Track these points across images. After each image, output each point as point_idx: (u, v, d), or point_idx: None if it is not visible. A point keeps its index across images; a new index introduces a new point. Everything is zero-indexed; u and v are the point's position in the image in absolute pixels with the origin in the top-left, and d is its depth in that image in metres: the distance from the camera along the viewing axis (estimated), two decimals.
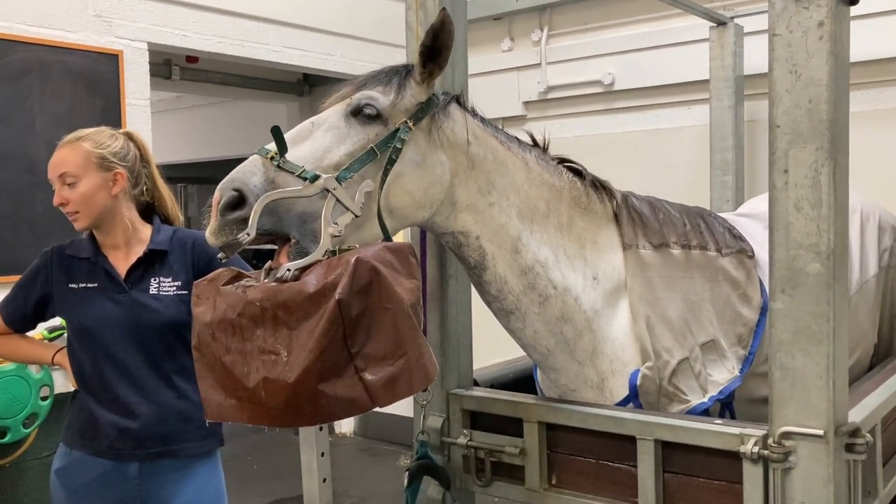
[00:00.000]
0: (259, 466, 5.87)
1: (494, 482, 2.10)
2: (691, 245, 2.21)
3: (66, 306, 2.31)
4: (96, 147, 2.24)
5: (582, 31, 5.33)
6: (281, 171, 1.66)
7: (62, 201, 2.22)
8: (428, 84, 1.86)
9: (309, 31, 5.17)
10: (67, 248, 2.35)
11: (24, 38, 3.78)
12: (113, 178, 2.25)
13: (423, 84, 1.85)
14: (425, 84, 1.86)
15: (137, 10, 4.24)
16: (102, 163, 2.24)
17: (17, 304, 2.39)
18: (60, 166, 2.22)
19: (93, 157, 2.22)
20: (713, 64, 4.28)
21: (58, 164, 2.23)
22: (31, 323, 2.43)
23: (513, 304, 2.02)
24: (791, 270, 1.63)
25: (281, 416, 1.55)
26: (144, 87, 4.28)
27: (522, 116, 5.60)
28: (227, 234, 1.63)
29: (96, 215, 2.25)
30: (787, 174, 1.63)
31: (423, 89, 1.86)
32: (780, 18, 1.63)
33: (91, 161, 2.22)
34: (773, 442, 1.64)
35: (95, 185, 2.22)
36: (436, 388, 2.17)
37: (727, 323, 2.21)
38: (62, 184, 2.22)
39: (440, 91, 1.91)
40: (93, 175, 2.22)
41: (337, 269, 1.53)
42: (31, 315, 2.39)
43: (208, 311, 1.65)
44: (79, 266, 2.31)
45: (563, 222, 2.07)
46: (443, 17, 1.76)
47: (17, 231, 3.74)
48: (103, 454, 2.26)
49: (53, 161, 2.24)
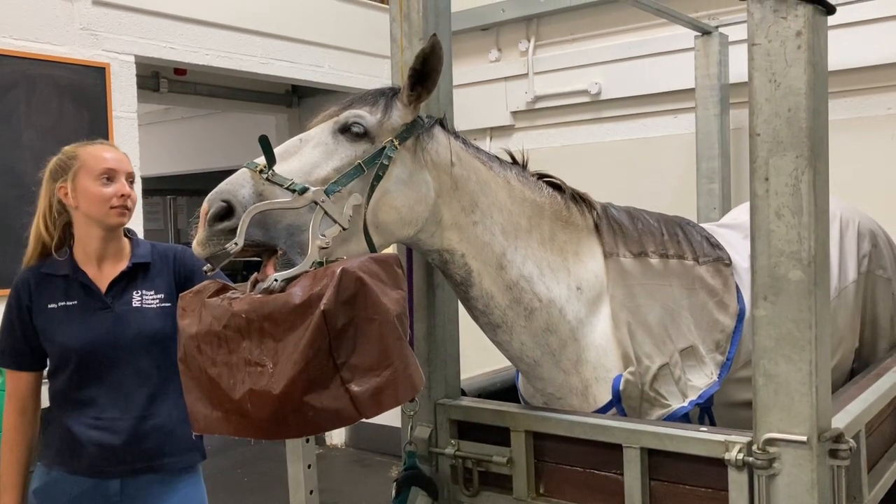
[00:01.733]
0: (248, 479, 5.85)
1: (482, 492, 2.10)
2: (669, 254, 2.24)
3: (45, 328, 2.24)
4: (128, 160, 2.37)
5: (569, 42, 5.37)
6: (269, 184, 1.68)
7: (127, 194, 2.26)
8: (415, 106, 1.89)
9: (296, 43, 5.18)
10: (42, 267, 2.29)
11: (9, 51, 3.77)
12: None
13: (410, 106, 1.88)
14: (412, 106, 1.89)
15: (124, 22, 4.25)
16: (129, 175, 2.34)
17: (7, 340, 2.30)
18: (128, 164, 2.32)
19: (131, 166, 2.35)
20: (699, 73, 4.32)
21: (125, 161, 2.32)
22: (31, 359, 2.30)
23: (499, 319, 2.05)
24: (773, 278, 1.64)
25: (267, 428, 1.55)
26: (132, 99, 4.27)
27: (510, 126, 5.62)
28: (215, 245, 1.63)
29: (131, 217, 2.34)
30: (767, 182, 1.64)
31: (409, 111, 1.89)
32: (758, 28, 1.65)
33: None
34: (757, 449, 1.65)
35: None
36: (423, 399, 2.18)
37: (705, 329, 2.25)
38: (128, 181, 2.28)
39: (425, 114, 1.94)
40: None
41: (323, 280, 1.53)
42: (27, 351, 2.28)
43: (194, 324, 1.65)
44: (55, 284, 2.26)
45: (545, 236, 2.10)
46: (433, 43, 1.80)
47: (4, 245, 3.71)
48: (83, 472, 2.23)
49: (119, 156, 2.30)
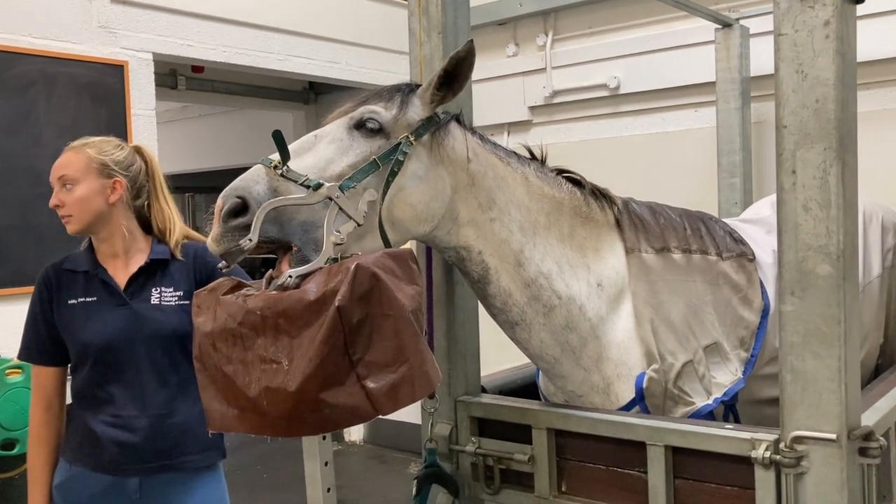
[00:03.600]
0: (268, 476, 5.87)
1: (503, 490, 2.09)
2: (692, 249, 2.22)
3: (65, 324, 2.25)
4: (99, 153, 2.24)
5: (587, 35, 5.33)
6: (284, 180, 1.67)
7: (57, 203, 2.22)
8: (434, 104, 1.88)
9: (314, 40, 5.18)
10: (64, 263, 2.30)
11: (29, 50, 3.80)
12: (112, 186, 2.24)
13: (429, 104, 1.87)
14: (432, 104, 1.87)
15: (142, 20, 4.26)
16: (103, 169, 2.23)
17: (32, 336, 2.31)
18: (60, 169, 2.23)
19: (94, 163, 2.22)
20: (719, 66, 4.26)
21: (59, 167, 2.24)
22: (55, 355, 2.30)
23: (518, 316, 2.03)
24: (800, 272, 1.61)
25: (283, 425, 1.54)
26: (150, 97, 4.29)
27: (528, 121, 5.59)
28: (230, 241, 1.63)
29: (89, 220, 2.23)
30: (794, 175, 1.61)
31: (425, 108, 1.87)
32: (785, 18, 1.62)
33: (91, 166, 2.22)
34: (784, 447, 1.62)
35: (92, 191, 2.21)
36: (444, 396, 2.16)
37: (729, 326, 2.22)
38: (60, 186, 2.22)
39: (440, 110, 1.92)
40: (91, 180, 2.21)
41: (337, 276, 1.52)
42: (51, 347, 2.28)
43: (209, 321, 1.64)
44: (76, 280, 2.27)
45: (564, 233, 2.08)
46: (469, 48, 1.79)
47: (24, 242, 3.74)
48: (103, 469, 2.23)
49: (56, 164, 2.24)
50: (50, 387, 2.31)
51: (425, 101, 1.86)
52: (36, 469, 2.30)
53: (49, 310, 2.27)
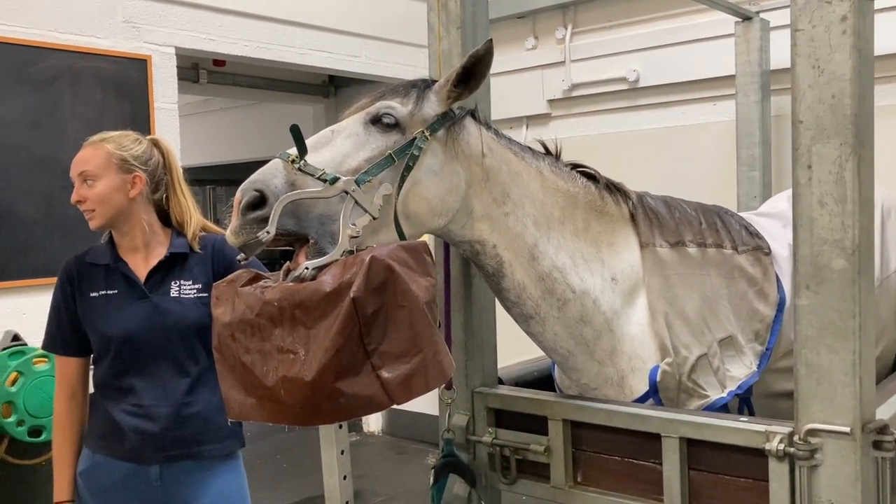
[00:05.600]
0: (287, 465, 5.93)
1: (520, 480, 2.11)
2: (707, 243, 2.22)
3: (87, 316, 2.29)
4: (118, 149, 2.27)
5: (606, 29, 5.32)
6: (301, 174, 1.69)
7: (79, 199, 2.25)
8: (452, 101, 1.89)
9: (334, 34, 5.21)
10: (86, 256, 2.34)
11: (54, 44, 3.85)
12: (132, 181, 2.27)
13: (446, 100, 1.88)
14: (449, 100, 1.89)
15: (165, 15, 4.31)
16: (122, 164, 2.26)
17: (55, 327, 2.36)
18: (81, 165, 2.26)
19: (114, 159, 2.25)
20: (739, 59, 4.25)
21: (79, 162, 2.26)
22: (78, 346, 2.34)
23: (532, 310, 2.05)
24: (816, 267, 1.62)
25: (300, 414, 1.57)
26: (172, 90, 4.34)
27: (547, 115, 5.59)
28: (248, 233, 1.65)
29: (111, 215, 2.26)
30: (810, 170, 1.62)
31: (441, 103, 1.89)
32: (802, 13, 1.62)
33: (112, 162, 2.25)
34: (798, 439, 1.63)
35: (113, 186, 2.24)
36: (461, 387, 2.19)
37: (744, 319, 2.22)
38: (81, 182, 2.25)
39: (457, 105, 1.93)
40: (112, 176, 2.24)
41: (352, 268, 1.54)
42: (73, 338, 2.33)
43: (227, 312, 1.67)
44: (98, 273, 2.31)
45: (578, 227, 2.09)
46: (488, 47, 1.81)
47: (50, 234, 3.81)
48: (125, 457, 2.27)
49: (75, 160, 2.27)
50: (73, 376, 2.36)
51: (442, 97, 1.88)
52: (60, 456, 2.35)
53: (71, 302, 2.31)
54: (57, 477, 2.34)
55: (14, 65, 3.72)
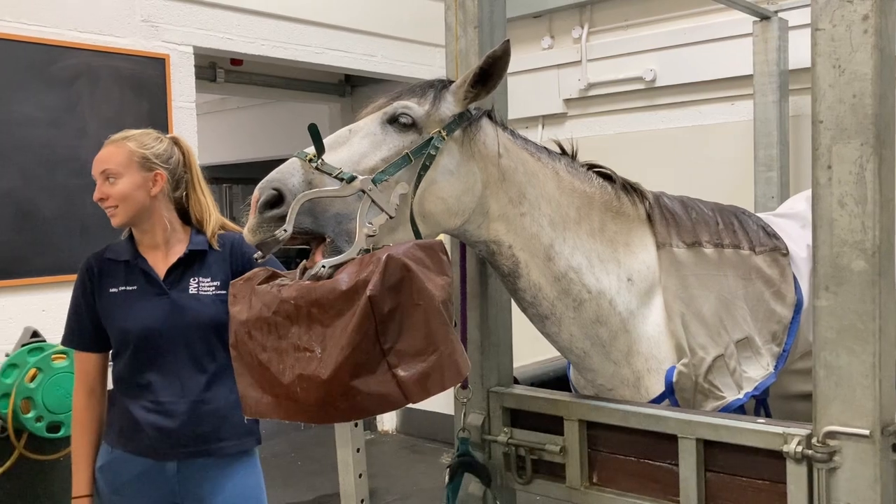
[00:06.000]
0: (302, 463, 5.95)
1: (535, 480, 2.11)
2: (724, 244, 2.21)
3: (106, 311, 2.32)
4: (140, 147, 2.29)
5: (623, 28, 5.30)
6: (319, 173, 1.70)
7: (102, 196, 2.27)
8: (469, 102, 1.89)
9: (350, 33, 5.23)
10: (106, 253, 2.37)
11: (74, 44, 3.89)
12: (153, 179, 2.29)
13: (463, 100, 1.89)
14: (465, 101, 1.89)
15: (183, 14, 4.34)
16: (144, 163, 2.28)
17: (75, 323, 2.38)
18: (104, 163, 2.28)
19: (135, 157, 2.27)
20: (757, 59, 4.22)
21: (101, 160, 2.28)
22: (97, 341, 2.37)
23: (548, 310, 2.04)
24: (835, 268, 1.61)
25: (316, 412, 1.57)
26: (190, 89, 4.37)
27: (563, 114, 5.58)
28: (265, 232, 1.66)
29: (133, 213, 2.28)
30: (830, 170, 1.61)
31: (458, 104, 1.89)
32: (822, 13, 1.61)
33: (133, 160, 2.27)
34: (817, 441, 1.62)
35: (135, 184, 2.26)
36: (476, 386, 2.19)
37: (761, 320, 2.21)
38: (104, 180, 2.27)
39: (473, 105, 1.94)
40: (134, 174, 2.27)
41: (369, 267, 1.55)
42: (93, 333, 2.36)
43: (244, 310, 1.68)
44: (117, 270, 2.33)
45: (594, 227, 2.09)
46: (505, 48, 1.81)
47: (69, 232, 3.84)
48: (143, 453, 2.30)
49: (98, 158, 2.29)
50: (92, 372, 2.38)
51: (459, 97, 1.88)
52: (79, 452, 2.38)
53: (91, 298, 2.34)
54: (76, 472, 2.37)
55: (35, 63, 3.76)
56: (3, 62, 3.66)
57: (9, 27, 3.67)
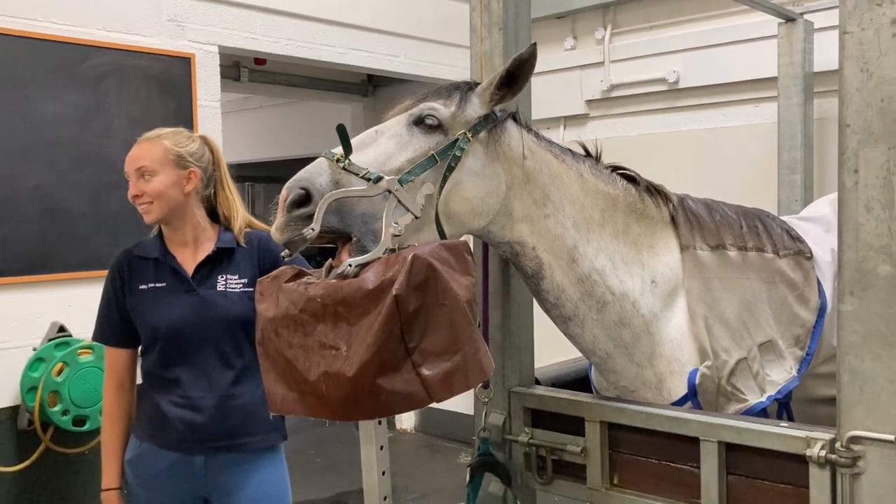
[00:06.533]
0: (322, 460, 5.99)
1: (556, 480, 2.12)
2: (748, 247, 2.21)
3: (136, 308, 2.36)
4: (175, 145, 2.33)
5: (646, 29, 5.28)
6: (346, 173, 1.71)
7: (137, 193, 2.30)
8: (494, 104, 1.90)
9: (373, 33, 5.24)
10: (135, 250, 2.41)
11: (102, 43, 3.94)
12: (187, 177, 2.33)
13: (488, 102, 1.90)
14: (491, 102, 1.90)
15: (209, 14, 4.38)
16: (178, 160, 2.32)
17: (105, 319, 2.42)
18: (139, 160, 2.31)
19: (171, 154, 2.31)
20: (782, 61, 4.19)
21: (137, 157, 2.32)
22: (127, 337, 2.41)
23: (571, 311, 2.05)
24: (861, 272, 1.60)
25: (341, 409, 1.59)
26: (215, 88, 4.41)
27: (585, 115, 5.57)
28: (293, 230, 1.68)
29: (167, 210, 2.32)
30: (856, 174, 1.60)
31: (484, 106, 1.90)
32: (851, 16, 1.60)
33: (168, 158, 2.31)
34: (840, 446, 1.61)
35: (170, 181, 2.30)
36: (497, 386, 2.20)
37: (784, 324, 2.21)
38: (139, 177, 2.30)
39: (498, 107, 1.94)
40: (168, 171, 2.30)
41: (395, 266, 1.56)
42: (123, 329, 2.40)
43: (271, 308, 1.70)
44: (147, 267, 2.37)
45: (618, 229, 2.09)
46: (532, 51, 1.82)
47: (97, 228, 3.89)
48: (171, 447, 2.33)
49: (132, 155, 2.32)
50: (122, 367, 2.42)
51: (484, 99, 1.89)
52: (109, 446, 2.42)
53: (121, 294, 2.38)
54: (105, 465, 2.41)
55: (64, 62, 3.81)
56: (33, 61, 3.71)
57: (40, 26, 3.73)
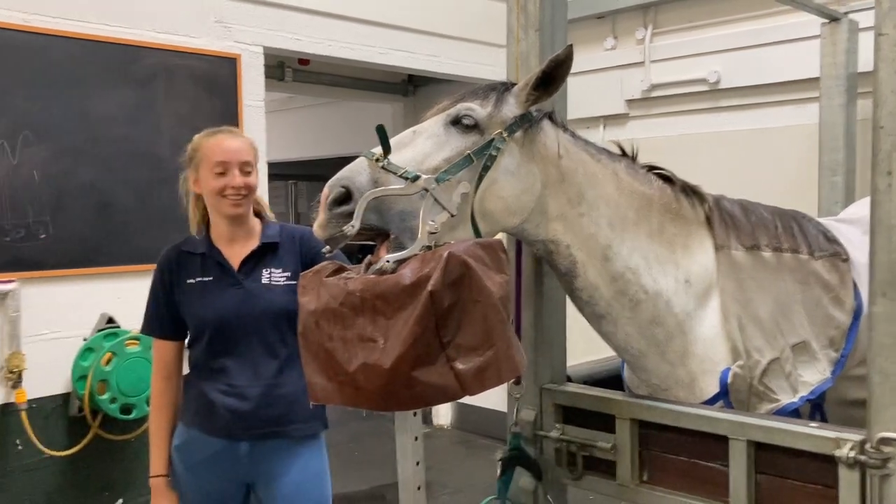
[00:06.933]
0: (360, 454, 6.07)
1: (586, 476, 2.14)
2: (783, 248, 2.21)
3: (184, 301, 2.45)
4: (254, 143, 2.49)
5: (687, 29, 5.25)
6: (385, 172, 1.77)
7: (243, 185, 2.39)
8: (530, 104, 1.93)
9: (415, 34, 5.29)
10: (183, 246, 2.51)
11: (152, 44, 4.05)
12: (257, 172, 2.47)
13: (524, 102, 1.93)
14: (527, 103, 1.93)
15: (254, 15, 4.47)
16: (257, 157, 2.48)
17: (153, 312, 2.52)
18: (243, 154, 2.41)
19: (257, 152, 2.48)
20: (824, 61, 4.13)
21: (241, 151, 2.41)
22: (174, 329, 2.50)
23: (604, 309, 2.07)
24: (893, 274, 1.60)
25: (378, 399, 1.65)
26: (260, 88, 4.49)
27: (625, 115, 5.56)
28: (334, 227, 1.74)
29: (251, 204, 2.47)
30: (890, 176, 1.60)
31: (520, 106, 1.93)
32: (887, 17, 1.61)
33: (257, 155, 2.47)
34: (870, 447, 1.62)
35: (256, 176, 2.46)
36: (529, 383, 2.23)
37: (818, 325, 2.20)
38: (241, 170, 2.39)
39: (534, 107, 1.97)
40: (256, 167, 2.46)
41: (430, 263, 1.61)
42: (170, 322, 2.49)
43: (313, 301, 1.76)
44: (194, 262, 2.46)
45: (653, 229, 2.11)
46: (568, 53, 1.85)
47: (144, 223, 4.01)
48: (217, 434, 2.42)
49: (236, 147, 2.41)
50: (169, 358, 2.52)
51: (520, 99, 1.93)
52: (157, 434, 2.52)
53: (169, 288, 2.47)
54: (153, 452, 2.51)
55: (115, 63, 3.93)
56: (86, 62, 3.83)
57: (93, 28, 3.85)
